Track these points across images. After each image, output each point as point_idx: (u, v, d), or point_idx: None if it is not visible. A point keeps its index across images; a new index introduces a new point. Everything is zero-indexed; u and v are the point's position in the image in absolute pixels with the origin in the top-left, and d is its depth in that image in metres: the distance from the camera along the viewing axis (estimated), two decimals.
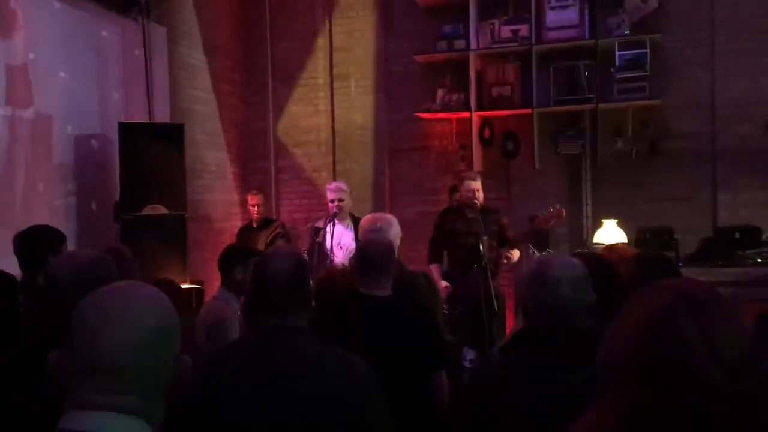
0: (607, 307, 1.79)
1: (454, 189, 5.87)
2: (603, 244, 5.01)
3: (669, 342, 1.02)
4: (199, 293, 5.05)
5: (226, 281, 3.31)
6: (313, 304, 2.19)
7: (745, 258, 5.11)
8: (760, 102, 5.91)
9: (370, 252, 2.77)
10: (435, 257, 5.09)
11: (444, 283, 4.86)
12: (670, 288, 1.09)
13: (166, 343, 1.19)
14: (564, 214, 4.88)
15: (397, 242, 3.52)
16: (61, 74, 4.66)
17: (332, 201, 4.98)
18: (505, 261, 4.82)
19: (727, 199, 6.02)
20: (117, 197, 4.91)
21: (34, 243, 3.09)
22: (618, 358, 1.07)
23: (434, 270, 5.01)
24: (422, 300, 3.15)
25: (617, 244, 4.41)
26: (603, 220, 5.85)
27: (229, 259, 3.32)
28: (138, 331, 1.15)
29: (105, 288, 1.23)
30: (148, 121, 5.38)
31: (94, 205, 4.95)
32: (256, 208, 5.89)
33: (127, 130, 4.89)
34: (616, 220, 5.74)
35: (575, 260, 1.94)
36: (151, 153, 4.98)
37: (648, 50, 5.89)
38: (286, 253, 2.13)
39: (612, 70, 5.96)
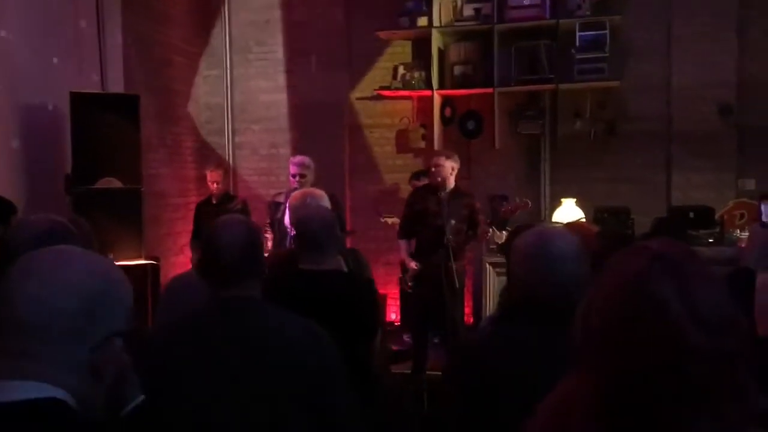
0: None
1: (415, 175, 5.87)
2: (561, 223, 5.07)
3: (647, 305, 1.00)
4: (154, 270, 4.93)
5: None
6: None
7: (698, 238, 5.23)
8: (715, 85, 6.03)
9: (310, 226, 2.68)
10: (404, 234, 5.04)
11: (413, 263, 4.86)
12: (643, 250, 1.06)
13: (91, 315, 1.10)
14: (530, 206, 4.96)
15: None
16: (7, 38, 4.45)
17: (294, 176, 4.89)
18: (490, 231, 4.81)
19: (681, 181, 6.16)
20: (68, 170, 4.75)
21: None
22: (595, 325, 1.05)
23: (402, 246, 5.01)
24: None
25: (577, 221, 4.47)
26: (562, 200, 5.91)
27: None
28: (59, 292, 1.08)
29: (43, 249, 1.16)
30: (101, 92, 5.20)
31: (43, 178, 4.77)
32: (215, 185, 5.78)
33: (79, 100, 4.71)
34: (575, 200, 5.81)
35: (573, 235, 1.92)
36: (104, 125, 4.80)
37: (608, 32, 5.95)
38: (238, 222, 2.07)
39: (572, 50, 6.00)
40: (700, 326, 0.98)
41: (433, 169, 4.82)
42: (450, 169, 4.80)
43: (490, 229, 4.84)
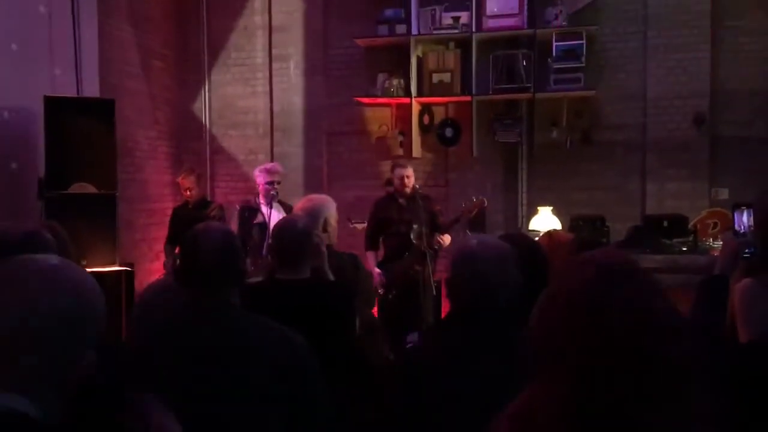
0: (532, 285, 1.84)
1: (389, 182, 5.93)
2: (538, 231, 5.12)
3: (602, 315, 1.02)
4: (129, 276, 4.87)
5: None
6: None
7: (672, 246, 5.29)
8: (689, 95, 6.12)
9: (285, 236, 2.71)
10: (370, 245, 5.26)
11: (377, 270, 5.04)
12: (590, 262, 1.09)
13: (71, 336, 1.10)
14: (485, 203, 5.08)
15: (332, 223, 3.52)
16: None
17: (271, 183, 4.87)
18: (436, 247, 4.91)
19: (655, 189, 6.23)
20: (41, 174, 4.68)
21: None
22: (553, 335, 1.07)
23: (369, 257, 5.17)
24: (347, 279, 3.21)
25: (556, 230, 4.50)
26: (538, 208, 5.95)
27: None
28: (47, 312, 1.07)
29: (32, 257, 1.15)
30: (76, 96, 5.14)
31: (15, 183, 4.70)
32: (188, 192, 5.69)
33: (53, 104, 4.65)
34: (551, 208, 5.86)
35: (498, 241, 1.96)
36: (79, 129, 4.76)
37: (584, 42, 6.01)
38: (217, 228, 2.11)
39: (549, 60, 6.06)
40: (654, 333, 1.00)
41: (405, 180, 5.04)
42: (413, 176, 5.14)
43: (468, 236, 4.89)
